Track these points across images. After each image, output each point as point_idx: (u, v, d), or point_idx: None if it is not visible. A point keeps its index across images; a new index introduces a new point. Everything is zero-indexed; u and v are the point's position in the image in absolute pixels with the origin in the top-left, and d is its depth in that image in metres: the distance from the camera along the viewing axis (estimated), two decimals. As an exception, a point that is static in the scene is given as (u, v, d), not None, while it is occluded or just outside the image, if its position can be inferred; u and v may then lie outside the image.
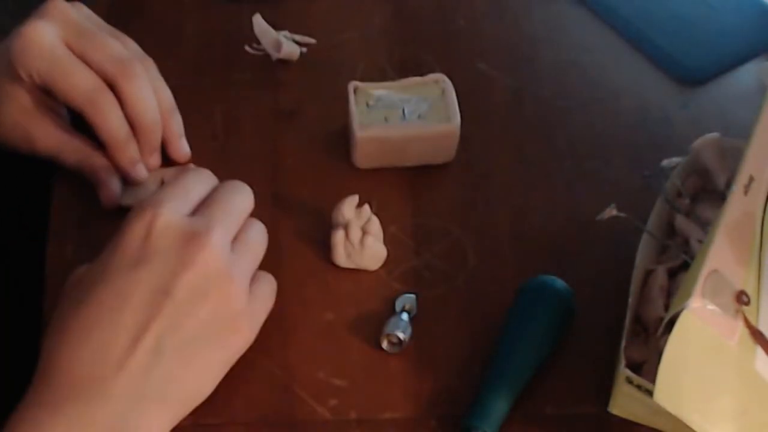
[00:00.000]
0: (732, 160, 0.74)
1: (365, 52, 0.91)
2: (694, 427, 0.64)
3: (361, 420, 0.70)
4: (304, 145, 0.84)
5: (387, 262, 0.77)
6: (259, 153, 0.84)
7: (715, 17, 0.94)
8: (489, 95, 0.88)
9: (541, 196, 0.82)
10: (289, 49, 0.89)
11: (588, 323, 0.74)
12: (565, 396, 0.72)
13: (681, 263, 0.73)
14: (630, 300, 0.72)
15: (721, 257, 0.67)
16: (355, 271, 0.77)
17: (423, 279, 0.77)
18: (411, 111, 0.82)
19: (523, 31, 0.94)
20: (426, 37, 0.92)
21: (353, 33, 0.92)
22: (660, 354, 0.64)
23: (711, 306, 0.66)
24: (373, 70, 0.89)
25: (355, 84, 0.83)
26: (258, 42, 0.89)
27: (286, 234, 0.79)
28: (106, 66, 0.76)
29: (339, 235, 0.76)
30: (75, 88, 0.76)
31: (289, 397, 0.71)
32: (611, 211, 0.74)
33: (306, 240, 0.78)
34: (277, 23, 0.90)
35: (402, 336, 0.73)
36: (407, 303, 0.75)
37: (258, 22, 0.89)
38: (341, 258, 0.77)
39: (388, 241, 0.77)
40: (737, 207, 0.70)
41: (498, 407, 0.69)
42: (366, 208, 0.76)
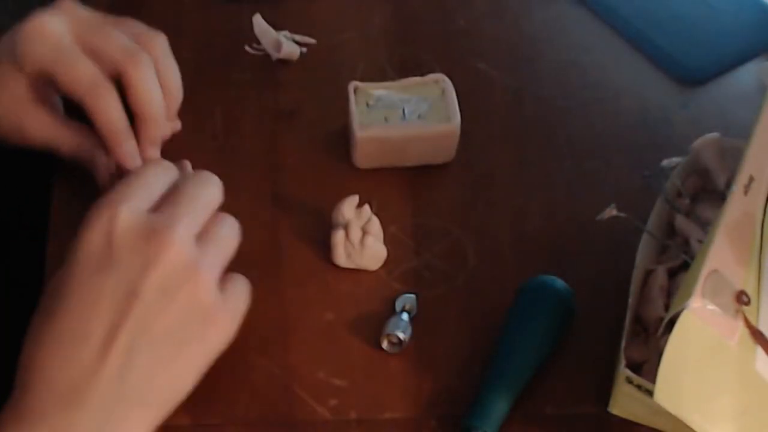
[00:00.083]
0: (732, 160, 0.74)
1: (365, 52, 0.91)
2: (694, 427, 0.64)
3: (361, 420, 0.70)
4: (304, 145, 0.84)
5: (387, 262, 0.77)
6: (259, 153, 0.84)
7: (715, 17, 0.94)
8: (489, 95, 0.88)
9: (541, 196, 0.82)
10: (289, 49, 0.89)
11: (588, 323, 0.74)
12: (565, 396, 0.72)
13: (681, 263, 0.73)
14: (630, 300, 0.72)
15: (721, 257, 0.67)
16: (355, 271, 0.77)
17: (423, 279, 0.77)
18: (411, 111, 0.82)
19: (523, 31, 0.94)
20: (426, 37, 0.92)
21: (353, 33, 0.92)
22: (660, 354, 0.64)
23: (711, 306, 0.66)
24: (373, 70, 0.89)
25: (355, 84, 0.83)
26: (258, 42, 0.89)
27: (286, 234, 0.78)
28: (114, 56, 0.76)
29: (339, 235, 0.76)
30: (77, 79, 0.76)
31: (289, 397, 0.71)
32: (611, 211, 0.74)
33: (306, 240, 0.78)
34: (277, 23, 0.90)
35: (402, 336, 0.73)
36: (407, 303, 0.75)
37: (258, 22, 0.89)
38: (341, 258, 0.77)
39: (388, 241, 0.77)
40: (737, 207, 0.70)
41: (498, 407, 0.69)
42: (366, 208, 0.76)
